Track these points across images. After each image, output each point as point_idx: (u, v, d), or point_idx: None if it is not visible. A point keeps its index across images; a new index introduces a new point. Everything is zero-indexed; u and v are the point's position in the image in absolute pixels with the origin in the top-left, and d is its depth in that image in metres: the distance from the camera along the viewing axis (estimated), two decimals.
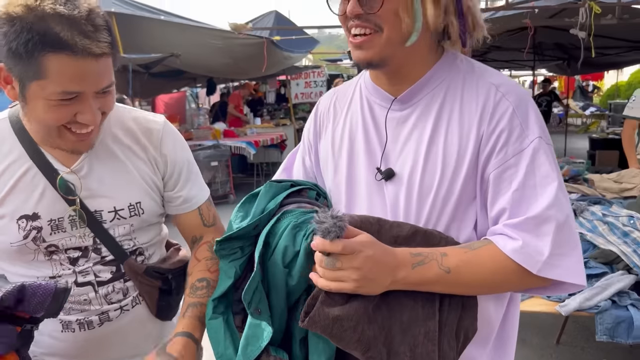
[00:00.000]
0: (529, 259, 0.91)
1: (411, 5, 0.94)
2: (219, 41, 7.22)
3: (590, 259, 2.36)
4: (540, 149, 0.95)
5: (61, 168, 1.14)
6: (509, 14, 5.42)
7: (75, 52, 0.95)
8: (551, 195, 0.93)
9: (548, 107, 11.47)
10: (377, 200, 1.07)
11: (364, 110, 1.12)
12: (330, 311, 0.89)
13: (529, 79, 19.12)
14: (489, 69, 1.06)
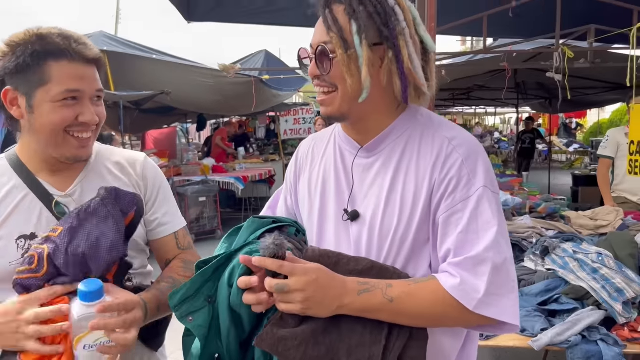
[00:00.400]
0: (466, 296, 1.00)
1: (355, 69, 1.07)
2: (209, 79, 7.39)
3: (562, 295, 2.45)
4: (484, 196, 1.05)
5: (56, 193, 1.27)
6: (488, 57, 5.64)
7: (73, 57, 1.19)
8: (490, 239, 1.02)
9: (531, 144, 11.74)
10: (343, 238, 1.17)
11: (336, 156, 1.24)
12: (278, 332, 1.00)
13: (515, 116, 19.53)
14: (445, 123, 1.17)
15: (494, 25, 4.81)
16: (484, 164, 1.09)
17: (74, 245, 1.07)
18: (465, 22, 4.51)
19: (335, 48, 1.07)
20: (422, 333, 1.05)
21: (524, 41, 5.70)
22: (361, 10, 1.07)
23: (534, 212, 3.95)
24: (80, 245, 1.07)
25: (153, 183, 1.43)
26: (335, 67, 1.09)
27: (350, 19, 1.07)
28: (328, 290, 1.00)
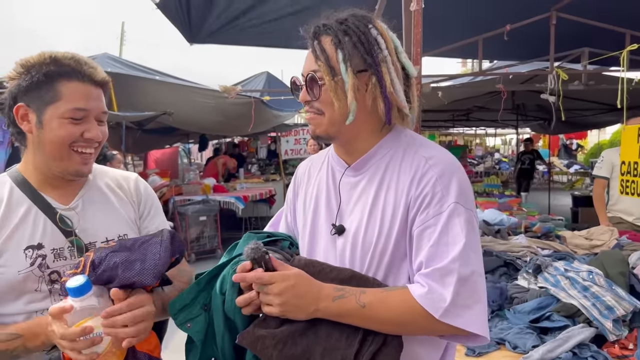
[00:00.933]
0: (432, 304, 1.06)
1: (341, 93, 1.17)
2: (211, 100, 7.50)
3: (553, 313, 2.47)
4: (455, 212, 1.12)
5: (58, 206, 1.35)
6: (486, 79, 5.74)
7: (83, 79, 1.29)
8: (457, 251, 1.08)
9: (531, 165, 11.78)
10: (331, 251, 1.26)
11: (328, 174, 1.34)
12: (258, 331, 1.09)
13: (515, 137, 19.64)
14: (426, 144, 1.25)
15: (490, 48, 4.92)
16: (458, 181, 1.15)
17: (114, 256, 1.16)
18: (461, 45, 4.61)
19: (323, 75, 1.17)
20: (396, 340, 1.11)
21: (520, 63, 5.82)
22: (346, 41, 1.17)
23: (529, 231, 3.99)
24: (118, 258, 1.16)
25: (146, 198, 1.54)
26: (324, 93, 1.19)
27: (336, 49, 1.17)
28: (304, 295, 1.09)
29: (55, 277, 1.30)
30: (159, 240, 1.23)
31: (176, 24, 4.78)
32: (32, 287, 1.27)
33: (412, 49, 2.15)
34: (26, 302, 1.28)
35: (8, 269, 1.25)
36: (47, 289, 1.29)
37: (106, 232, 1.39)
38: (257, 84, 9.73)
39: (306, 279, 1.11)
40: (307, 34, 1.23)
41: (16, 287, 1.26)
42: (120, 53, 22.20)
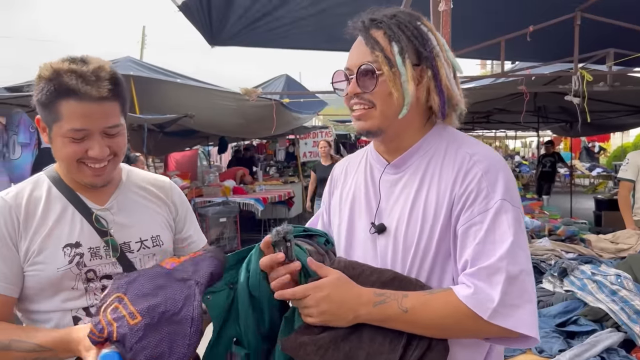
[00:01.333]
0: (480, 305, 1.02)
1: (400, 84, 1.15)
2: (231, 103, 7.54)
3: (580, 317, 2.44)
4: (502, 209, 1.08)
5: (94, 206, 1.37)
6: (507, 80, 5.68)
7: (80, 97, 1.22)
8: (505, 249, 1.04)
9: (552, 168, 11.63)
10: (370, 251, 1.23)
11: (366, 172, 1.31)
12: (300, 338, 1.08)
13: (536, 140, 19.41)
14: (468, 141, 1.22)
15: (512, 49, 4.87)
16: (505, 178, 1.12)
17: (142, 347, 1.06)
18: (483, 46, 4.57)
19: (381, 66, 1.15)
20: (441, 344, 1.08)
21: (542, 64, 5.75)
22: (401, 33, 1.16)
23: (553, 234, 3.93)
24: (146, 351, 1.06)
25: (181, 204, 1.56)
26: (380, 85, 1.15)
27: (390, 41, 1.16)
28: (341, 303, 1.08)
29: (92, 275, 1.32)
30: (188, 321, 1.08)
31: (197, 27, 4.82)
32: (69, 284, 1.30)
33: None
34: (63, 300, 1.30)
35: (47, 266, 1.28)
36: (83, 287, 1.31)
37: (140, 232, 1.41)
38: (276, 87, 9.77)
39: (342, 286, 1.10)
40: (356, 27, 1.21)
41: (54, 284, 1.29)
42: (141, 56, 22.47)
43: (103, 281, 1.33)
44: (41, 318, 1.32)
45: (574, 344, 2.31)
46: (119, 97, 1.29)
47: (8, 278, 1.27)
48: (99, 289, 1.32)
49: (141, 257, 1.40)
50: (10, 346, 1.21)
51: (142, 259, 1.40)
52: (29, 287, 1.30)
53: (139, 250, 1.40)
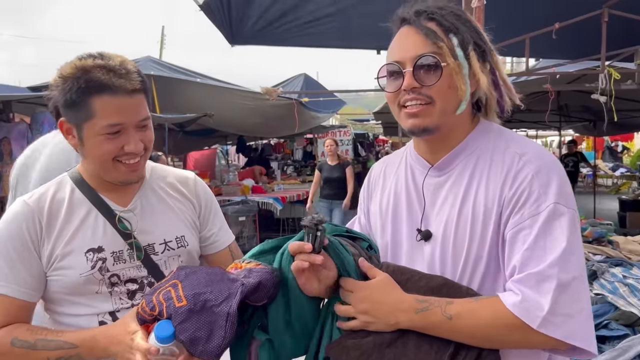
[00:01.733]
0: (528, 314, 0.96)
1: (462, 79, 1.08)
2: (251, 102, 7.57)
3: (611, 321, 2.37)
4: (555, 213, 1.01)
5: (117, 208, 1.34)
6: (530, 79, 5.58)
7: (114, 91, 1.20)
8: (556, 255, 0.98)
9: (575, 168, 11.43)
10: (417, 258, 1.18)
11: (407, 176, 1.25)
12: (345, 341, 1.07)
13: (557, 139, 19.12)
14: (516, 139, 1.15)
15: (537, 46, 4.78)
16: (558, 179, 1.05)
17: (183, 329, 1.10)
18: (506, 44, 4.49)
19: (445, 58, 1.07)
20: (492, 355, 1.02)
21: (567, 63, 5.63)
22: (460, 25, 1.10)
23: None
24: (186, 333, 1.10)
25: (205, 200, 1.50)
26: (446, 77, 1.08)
27: (447, 33, 1.09)
28: (381, 305, 1.06)
29: (115, 280, 1.30)
30: (224, 315, 1.10)
31: (218, 26, 4.83)
32: (93, 289, 1.28)
33: None
34: (88, 304, 1.29)
35: (70, 272, 1.26)
36: (107, 292, 1.29)
37: (164, 234, 1.38)
38: (295, 86, 9.78)
39: (385, 288, 1.07)
40: (405, 17, 1.13)
41: (78, 289, 1.28)
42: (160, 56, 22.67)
43: (127, 285, 1.31)
44: (68, 321, 1.30)
45: (605, 349, 2.25)
46: (146, 90, 1.29)
47: (28, 283, 1.26)
48: (124, 293, 1.30)
49: (166, 259, 1.37)
50: (35, 345, 1.20)
51: (167, 260, 1.37)
52: (53, 292, 1.29)
53: (164, 252, 1.37)
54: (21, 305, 1.26)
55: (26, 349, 1.20)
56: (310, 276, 1.11)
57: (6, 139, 5.54)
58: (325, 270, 1.13)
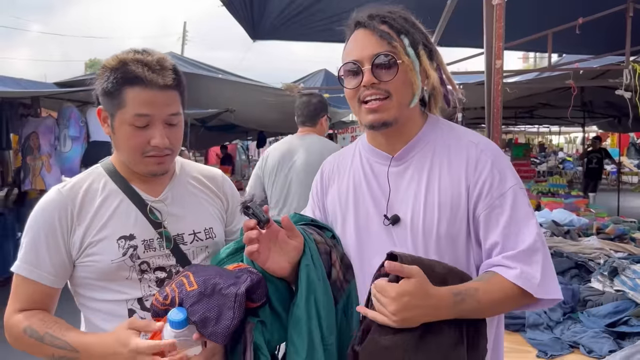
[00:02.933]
0: (528, 283, 1.12)
1: (415, 74, 1.21)
2: (271, 98, 7.60)
3: (631, 317, 2.36)
4: (518, 192, 1.19)
5: (148, 198, 1.39)
6: (553, 75, 5.52)
7: (145, 84, 1.26)
8: (534, 230, 1.16)
9: (599, 164, 11.26)
10: (386, 242, 1.26)
11: (364, 168, 1.35)
12: (380, 340, 1.06)
13: (580, 136, 18.81)
14: (465, 130, 1.32)
15: (560, 42, 4.73)
16: (508, 164, 1.24)
17: (194, 310, 1.16)
18: (529, 40, 4.46)
19: (401, 55, 1.19)
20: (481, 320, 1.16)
21: (591, 58, 5.56)
22: (409, 27, 1.23)
23: (601, 233, 3.82)
24: (197, 314, 1.16)
25: (232, 197, 1.57)
26: (401, 73, 1.20)
27: (399, 35, 1.21)
28: (422, 310, 1.07)
29: (145, 267, 1.34)
30: (233, 296, 1.15)
31: (240, 21, 4.88)
32: (123, 275, 1.33)
33: (493, 43, 2.11)
34: (117, 290, 1.33)
35: (102, 257, 1.31)
36: (137, 278, 1.33)
37: (193, 225, 1.42)
38: (315, 82, 9.77)
39: (421, 291, 1.06)
40: (359, 21, 1.25)
41: (109, 275, 1.32)
42: (182, 52, 22.89)
43: (157, 273, 1.36)
44: (97, 306, 1.35)
45: (624, 345, 2.24)
46: (180, 87, 1.33)
47: (53, 270, 1.31)
48: (153, 280, 1.35)
49: (194, 249, 1.41)
50: (43, 339, 1.25)
51: (195, 251, 1.41)
52: (84, 277, 1.34)
53: (192, 242, 1.41)
54: (45, 291, 1.31)
55: (35, 340, 1.26)
56: (268, 255, 1.21)
57: (34, 133, 5.66)
58: (291, 241, 1.23)
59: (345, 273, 1.30)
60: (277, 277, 1.25)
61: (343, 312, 1.28)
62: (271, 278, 1.25)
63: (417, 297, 1.05)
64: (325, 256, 1.29)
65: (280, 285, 1.27)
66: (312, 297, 1.20)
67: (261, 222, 1.16)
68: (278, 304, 1.25)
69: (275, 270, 1.23)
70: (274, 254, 1.23)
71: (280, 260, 1.23)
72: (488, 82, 2.28)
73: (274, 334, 1.24)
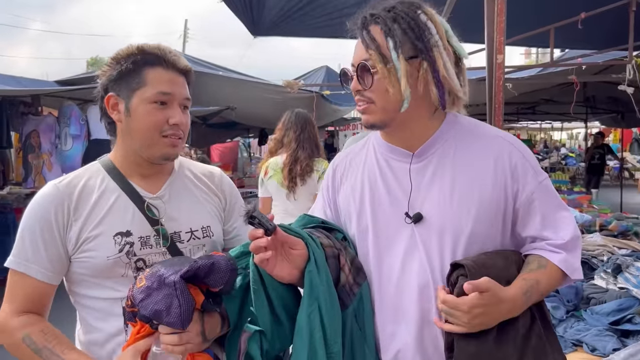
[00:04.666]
0: (570, 267, 1.20)
1: (395, 81, 1.17)
2: (272, 95, 7.59)
3: (635, 315, 2.34)
4: (549, 184, 1.25)
5: (146, 195, 1.38)
6: (555, 70, 5.49)
7: (166, 66, 1.33)
8: (571, 220, 1.23)
9: (601, 160, 11.23)
10: (408, 241, 1.23)
11: (380, 164, 1.32)
12: (468, 347, 1.11)
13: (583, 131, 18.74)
14: (487, 125, 1.33)
15: (562, 37, 4.70)
16: (534, 157, 1.27)
17: (144, 306, 1.17)
18: (531, 35, 4.43)
19: (375, 63, 1.17)
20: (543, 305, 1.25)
21: (593, 53, 5.53)
22: (396, 28, 1.17)
23: (604, 229, 3.79)
24: (147, 309, 1.17)
25: (230, 195, 1.55)
26: (377, 82, 1.18)
27: (386, 37, 1.17)
28: (497, 315, 1.12)
29: (141, 264, 1.33)
30: (172, 283, 1.15)
31: (240, 17, 4.86)
32: (119, 272, 1.31)
33: (495, 38, 2.08)
34: (112, 287, 1.32)
35: (98, 253, 1.30)
36: (132, 276, 1.32)
37: (190, 223, 1.41)
38: (316, 78, 9.76)
39: (493, 301, 1.10)
40: (355, 25, 1.23)
41: (104, 272, 1.31)
42: (183, 50, 22.85)
43: None
44: (91, 304, 1.34)
45: (628, 343, 2.22)
46: (189, 76, 1.40)
47: (49, 266, 1.30)
48: None
49: (191, 248, 1.40)
50: (40, 352, 1.24)
51: (191, 249, 1.40)
52: (79, 273, 1.32)
53: (189, 240, 1.40)
54: (41, 288, 1.30)
55: (32, 351, 1.24)
56: (275, 262, 1.17)
57: (35, 131, 5.66)
58: (293, 250, 1.19)
59: (355, 276, 1.26)
60: (285, 283, 1.22)
61: (354, 316, 1.25)
62: (275, 285, 1.21)
63: (490, 306, 1.09)
64: (333, 260, 1.25)
65: (284, 293, 1.23)
66: (314, 304, 1.17)
67: (268, 231, 1.13)
68: (281, 312, 1.22)
69: (284, 277, 1.20)
70: (281, 260, 1.19)
71: (287, 267, 1.20)
72: (489, 77, 2.26)
73: (275, 342, 1.22)
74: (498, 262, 1.17)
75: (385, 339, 1.26)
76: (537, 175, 1.22)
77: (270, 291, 1.21)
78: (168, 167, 1.45)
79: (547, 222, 1.22)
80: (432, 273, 1.20)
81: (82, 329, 1.38)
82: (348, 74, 1.26)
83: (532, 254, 1.24)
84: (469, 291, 1.08)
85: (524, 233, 1.24)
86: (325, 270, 1.21)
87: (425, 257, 1.20)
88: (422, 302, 1.20)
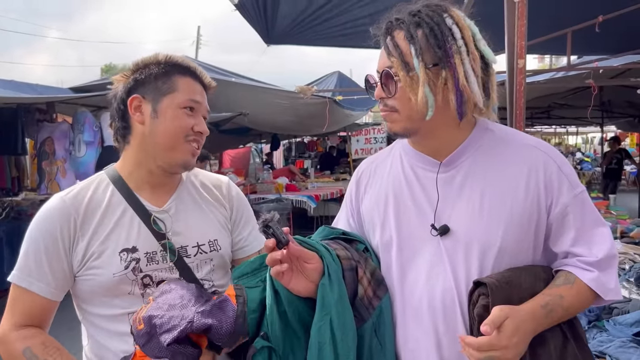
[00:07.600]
0: (602, 287, 1.14)
1: (417, 89, 1.11)
2: (285, 101, 7.59)
3: None
4: (586, 197, 1.18)
5: (152, 208, 1.35)
6: (571, 74, 5.42)
7: (196, 77, 1.37)
8: (608, 236, 1.17)
9: (618, 165, 11.07)
10: (434, 254, 1.18)
11: (406, 173, 1.27)
12: None
13: (598, 136, 18.52)
14: (521, 133, 1.26)
15: (579, 41, 4.64)
16: (571, 167, 1.21)
17: (147, 350, 1.14)
18: (548, 39, 4.37)
19: (397, 71, 1.14)
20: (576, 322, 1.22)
21: (610, 57, 5.45)
22: (419, 34, 1.12)
23: (625, 237, 3.72)
24: (152, 354, 1.14)
25: (238, 204, 1.52)
26: (400, 89, 1.15)
27: (409, 43, 1.13)
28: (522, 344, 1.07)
29: (148, 281, 1.30)
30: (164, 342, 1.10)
31: (254, 25, 4.86)
32: (125, 289, 1.28)
33: (515, 42, 2.04)
34: (120, 305, 1.29)
35: (103, 271, 1.27)
36: (140, 293, 1.29)
37: (197, 237, 1.38)
38: (329, 84, 9.77)
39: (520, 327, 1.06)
40: (379, 30, 1.19)
41: (111, 289, 1.28)
42: (196, 56, 23.02)
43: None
44: (99, 323, 1.31)
45: None
46: (210, 94, 1.43)
47: (53, 282, 1.27)
48: None
49: (198, 262, 1.37)
50: None
51: (199, 264, 1.37)
52: (86, 291, 1.30)
53: (196, 255, 1.36)
54: (43, 304, 1.27)
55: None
56: (292, 275, 1.14)
57: (50, 138, 5.70)
58: (307, 264, 1.16)
59: (376, 289, 1.22)
60: (303, 296, 1.18)
61: (374, 330, 1.20)
62: (292, 299, 1.17)
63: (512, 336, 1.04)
64: (350, 273, 1.21)
65: (302, 307, 1.19)
66: (326, 318, 1.13)
67: (280, 243, 1.10)
68: (298, 326, 1.19)
69: (300, 291, 1.16)
70: (297, 274, 1.16)
71: (303, 281, 1.16)
72: (510, 82, 2.21)
73: (288, 357, 1.18)
74: (524, 280, 1.12)
75: (406, 355, 1.20)
76: (572, 187, 1.16)
77: (287, 305, 1.17)
78: (177, 178, 1.43)
79: (581, 237, 1.15)
80: (458, 289, 1.14)
81: (90, 345, 1.35)
82: (372, 81, 1.24)
83: (562, 269, 1.18)
84: (488, 333, 1.02)
85: (555, 248, 1.18)
86: (340, 283, 1.17)
87: (451, 271, 1.15)
88: (446, 318, 1.15)
